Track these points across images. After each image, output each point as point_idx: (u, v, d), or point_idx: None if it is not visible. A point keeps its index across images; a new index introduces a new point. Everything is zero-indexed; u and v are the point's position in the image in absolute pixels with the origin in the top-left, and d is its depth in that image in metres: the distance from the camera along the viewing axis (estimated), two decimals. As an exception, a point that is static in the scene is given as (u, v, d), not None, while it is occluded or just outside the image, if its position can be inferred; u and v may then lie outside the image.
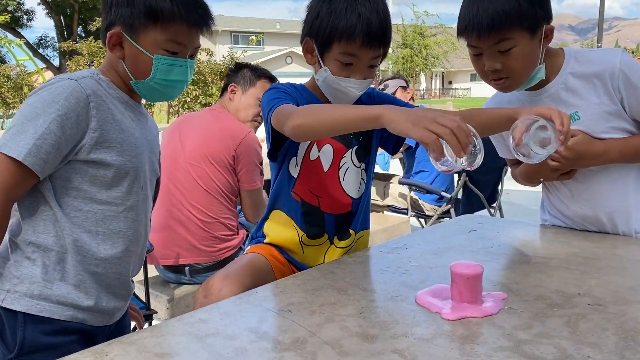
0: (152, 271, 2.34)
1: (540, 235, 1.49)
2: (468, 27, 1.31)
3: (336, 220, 1.44)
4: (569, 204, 1.51)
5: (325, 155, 1.41)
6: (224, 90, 2.43)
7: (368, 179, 1.50)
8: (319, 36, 1.28)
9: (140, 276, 2.16)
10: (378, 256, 1.35)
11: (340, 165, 1.42)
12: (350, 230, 1.47)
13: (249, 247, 1.49)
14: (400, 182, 3.63)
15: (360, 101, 1.45)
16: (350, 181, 1.44)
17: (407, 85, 3.74)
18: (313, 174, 1.40)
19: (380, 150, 3.61)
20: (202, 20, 1.21)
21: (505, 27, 1.28)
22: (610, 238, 1.48)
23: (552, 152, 1.12)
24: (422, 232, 1.67)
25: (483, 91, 48.32)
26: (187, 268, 2.29)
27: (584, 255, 1.32)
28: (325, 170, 1.41)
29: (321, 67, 1.31)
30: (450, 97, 45.24)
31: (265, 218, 1.48)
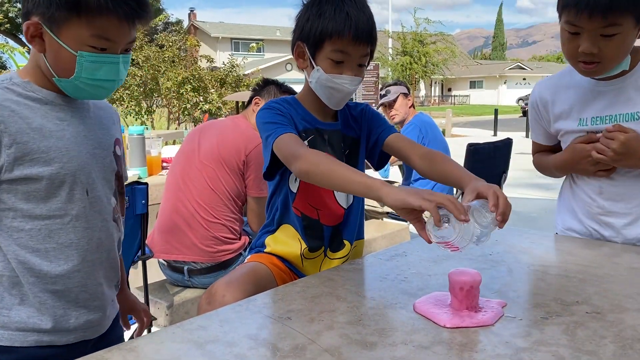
0: (152, 278, 2.34)
1: (538, 243, 1.49)
2: (580, 4, 1.27)
3: (332, 232, 1.47)
4: (596, 199, 1.51)
5: None
6: (249, 102, 2.49)
7: None
8: (310, 38, 1.33)
9: (139, 282, 2.16)
10: (377, 263, 1.35)
11: None
12: (345, 241, 1.49)
13: (249, 256, 1.50)
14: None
15: (352, 117, 1.49)
16: (342, 195, 1.46)
17: (409, 92, 3.75)
18: (311, 187, 1.40)
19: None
20: (134, 12, 1.06)
21: (620, 11, 1.26)
22: (609, 246, 1.48)
23: (486, 234, 1.06)
24: (421, 239, 1.66)
25: (482, 98, 48.50)
26: (185, 268, 2.30)
27: (583, 263, 1.32)
28: None
29: (314, 67, 1.34)
30: (449, 104, 45.34)
31: (271, 231, 1.49)
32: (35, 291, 1.08)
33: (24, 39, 1.10)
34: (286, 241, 1.46)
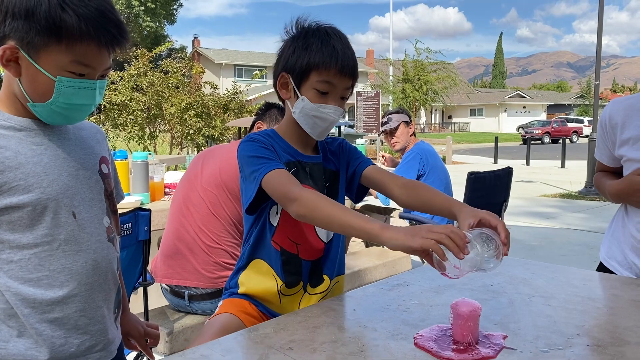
0: (152, 304, 2.33)
1: (539, 274, 1.50)
2: None
3: (311, 267, 1.44)
4: None
5: None
6: (251, 127, 2.53)
7: None
8: (296, 69, 1.34)
9: (140, 308, 2.16)
10: (379, 293, 1.36)
11: None
12: (324, 276, 1.46)
13: (222, 302, 1.47)
14: (400, 217, 3.64)
15: (330, 151, 1.49)
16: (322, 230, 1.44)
17: (410, 120, 3.79)
18: (291, 220, 1.35)
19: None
20: (114, 39, 1.05)
21: None
22: (609, 278, 1.49)
23: (492, 262, 1.07)
24: (422, 269, 1.67)
25: (483, 126, 48.75)
26: (186, 293, 2.29)
27: (583, 294, 1.32)
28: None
29: (298, 97, 1.36)
30: (449, 132, 45.60)
31: (243, 267, 1.45)
32: (32, 322, 1.06)
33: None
34: (260, 279, 1.42)
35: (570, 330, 1.09)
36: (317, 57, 1.32)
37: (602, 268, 1.64)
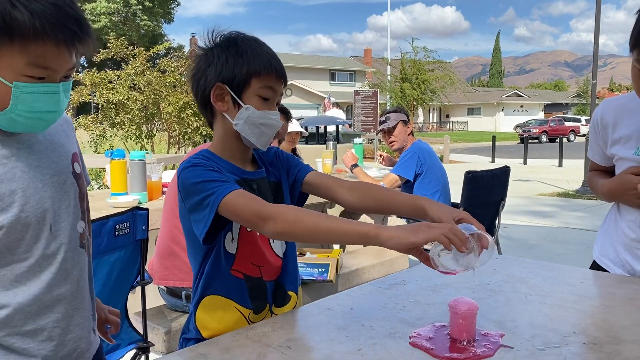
0: (150, 303, 2.33)
1: (536, 273, 1.50)
2: None
3: (274, 287, 1.35)
4: (636, 230, 1.51)
5: None
6: None
7: None
8: (235, 78, 1.27)
9: (137, 308, 2.16)
10: (376, 292, 1.36)
11: None
12: (289, 293, 1.38)
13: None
14: (398, 216, 3.65)
15: (268, 162, 1.42)
16: (278, 243, 1.37)
17: (408, 119, 3.79)
18: (251, 244, 1.30)
19: (379, 183, 3.63)
20: (74, 36, 0.94)
21: None
22: (605, 276, 1.50)
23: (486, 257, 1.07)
24: (419, 267, 1.68)
25: (480, 125, 48.81)
26: (183, 293, 2.30)
27: (580, 293, 1.33)
28: (258, 235, 1.32)
29: (240, 107, 1.27)
30: (447, 131, 45.64)
31: (195, 307, 1.31)
32: (3, 336, 1.00)
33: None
34: (222, 315, 1.29)
35: (566, 329, 1.09)
36: (256, 63, 1.26)
37: (595, 266, 1.65)
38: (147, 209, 1.95)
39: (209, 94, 1.28)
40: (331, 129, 14.40)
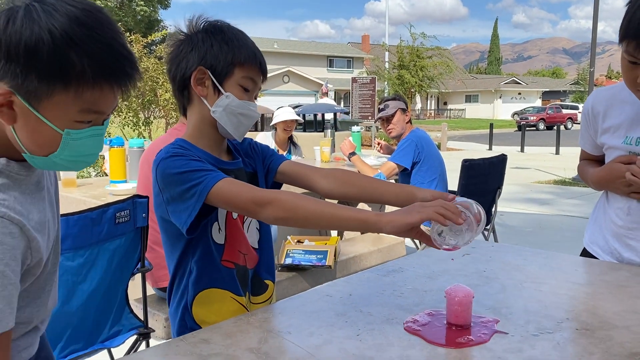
0: (150, 289, 2.36)
1: (531, 260, 1.53)
2: (638, 35, 1.27)
3: (252, 275, 1.36)
4: (623, 218, 1.54)
5: None
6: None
7: (261, 225, 1.40)
8: (218, 63, 1.25)
9: (138, 294, 2.18)
10: (374, 279, 1.38)
11: (245, 217, 1.35)
12: (266, 282, 1.40)
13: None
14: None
15: (243, 152, 1.40)
16: (252, 232, 1.37)
17: (407, 107, 3.80)
18: (237, 232, 1.30)
19: (375, 172, 3.64)
20: (128, 76, 0.89)
21: None
22: (598, 264, 1.52)
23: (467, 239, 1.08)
24: (417, 255, 1.70)
25: (478, 112, 48.76)
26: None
27: (574, 280, 1.36)
28: (242, 226, 1.33)
29: (220, 95, 1.25)
30: (445, 118, 45.61)
31: (190, 305, 1.28)
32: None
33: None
34: (220, 307, 1.28)
35: (560, 315, 1.12)
36: (241, 53, 1.25)
37: (585, 253, 1.68)
38: (147, 197, 1.96)
39: (189, 77, 1.25)
40: (329, 116, 14.35)
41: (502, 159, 3.85)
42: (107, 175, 3.22)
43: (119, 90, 0.88)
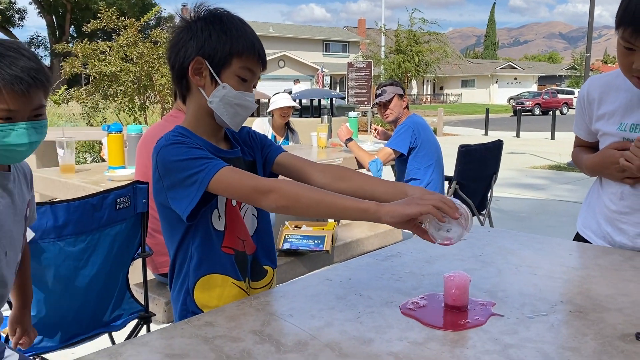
0: (151, 274, 2.38)
1: (527, 245, 1.56)
2: (635, 23, 1.28)
3: (251, 261, 1.38)
4: (616, 203, 1.56)
5: None
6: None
7: (259, 212, 1.42)
8: (215, 54, 1.25)
9: (139, 279, 2.21)
10: (373, 264, 1.41)
11: (242, 204, 1.36)
12: (265, 267, 1.41)
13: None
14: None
15: (242, 141, 1.41)
16: (248, 219, 1.38)
17: (404, 93, 3.80)
18: (236, 219, 1.32)
19: (372, 157, 3.65)
20: (33, 83, 1.13)
21: None
22: (592, 248, 1.56)
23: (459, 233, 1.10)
24: (414, 240, 1.73)
25: (474, 97, 48.70)
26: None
27: (568, 264, 1.39)
28: (241, 212, 1.35)
29: (217, 85, 1.26)
30: (441, 103, 45.55)
31: (192, 290, 1.31)
32: None
33: (14, 32, 1.18)
34: (222, 292, 1.30)
35: (554, 298, 1.15)
36: (239, 43, 1.25)
37: (578, 237, 1.72)
38: (147, 183, 1.98)
39: (187, 67, 1.26)
40: (325, 102, 14.32)
41: (498, 145, 3.87)
42: (105, 161, 3.23)
43: (25, 95, 1.12)
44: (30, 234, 1.52)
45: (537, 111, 32.86)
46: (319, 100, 14.18)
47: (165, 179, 1.21)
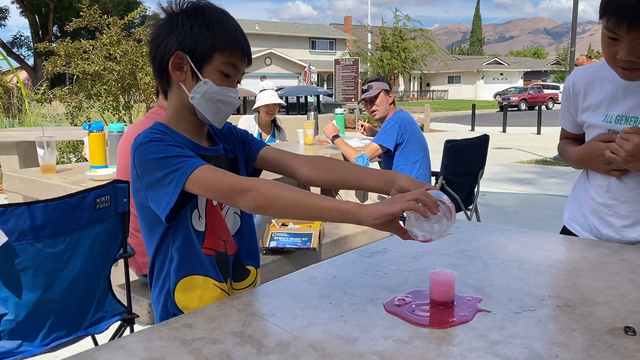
0: (133, 275, 2.34)
1: (513, 239, 1.54)
2: (619, 12, 1.27)
3: (233, 261, 1.35)
4: (602, 195, 1.55)
5: None
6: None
7: (241, 212, 1.38)
8: (197, 48, 1.21)
9: (121, 280, 2.17)
10: (358, 260, 1.39)
11: (223, 204, 1.32)
12: (248, 267, 1.38)
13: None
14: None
15: (222, 137, 1.38)
16: (230, 218, 1.35)
17: (390, 88, 3.79)
18: (217, 219, 1.29)
19: (359, 153, 3.63)
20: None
21: None
22: (580, 242, 1.54)
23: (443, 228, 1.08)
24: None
25: (460, 93, 48.95)
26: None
27: (555, 258, 1.37)
28: (222, 212, 1.32)
29: (199, 80, 1.22)
30: (428, 99, 45.69)
31: (173, 292, 1.28)
32: None
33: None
34: (203, 294, 1.27)
35: (542, 292, 1.13)
36: (222, 37, 1.21)
37: (565, 231, 1.71)
38: (128, 182, 1.93)
39: (168, 61, 1.22)
40: (312, 99, 14.28)
41: (484, 140, 3.87)
42: (87, 160, 3.17)
43: None
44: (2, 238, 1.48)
45: (523, 106, 33.09)
46: (306, 98, 14.15)
47: (143, 177, 1.17)
